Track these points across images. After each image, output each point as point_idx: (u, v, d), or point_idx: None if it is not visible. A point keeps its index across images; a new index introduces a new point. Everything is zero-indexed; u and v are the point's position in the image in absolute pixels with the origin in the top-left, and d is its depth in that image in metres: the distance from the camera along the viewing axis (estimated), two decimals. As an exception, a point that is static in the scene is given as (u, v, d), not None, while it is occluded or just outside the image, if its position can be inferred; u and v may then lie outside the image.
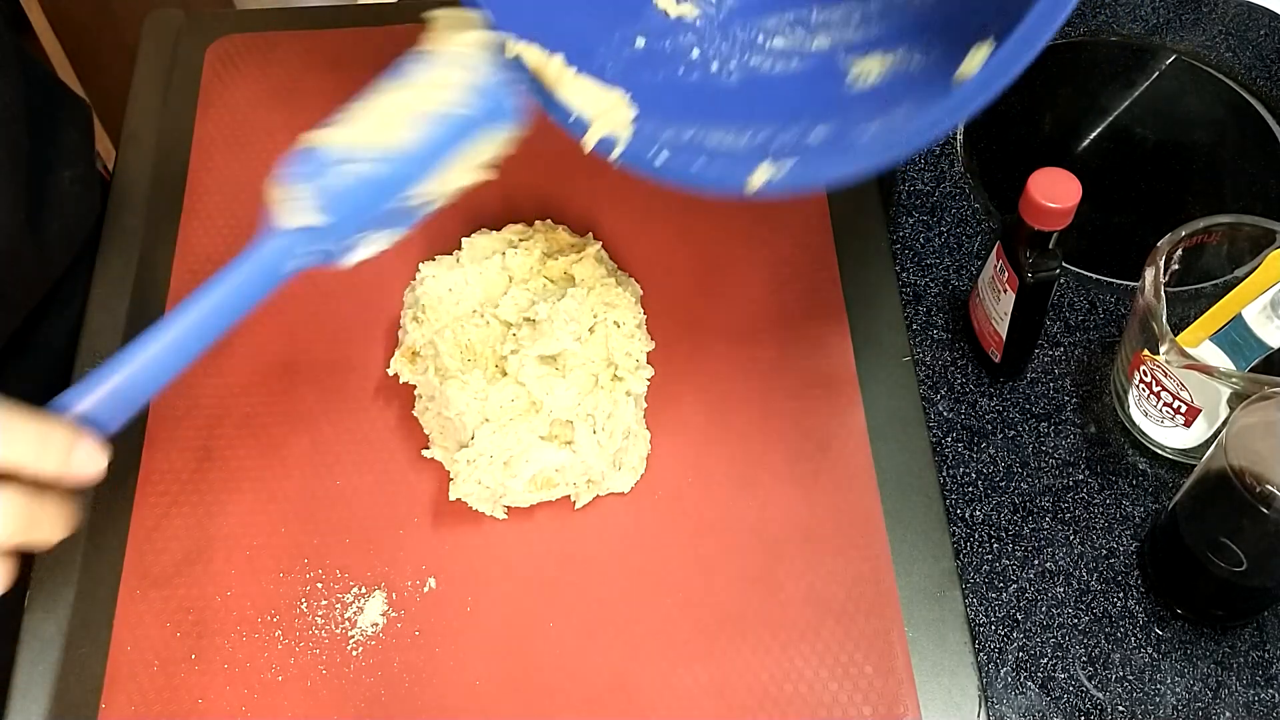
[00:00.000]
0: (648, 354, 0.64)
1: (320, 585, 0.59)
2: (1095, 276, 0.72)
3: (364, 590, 0.58)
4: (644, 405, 0.63)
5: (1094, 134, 0.80)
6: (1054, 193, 0.57)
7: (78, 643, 0.57)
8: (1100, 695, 0.58)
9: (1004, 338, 0.64)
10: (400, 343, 0.63)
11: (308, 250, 0.44)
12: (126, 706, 0.55)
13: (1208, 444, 0.59)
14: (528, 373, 0.59)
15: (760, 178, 0.50)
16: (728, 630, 0.57)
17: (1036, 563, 0.61)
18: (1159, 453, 0.64)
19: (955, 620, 0.58)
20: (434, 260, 0.65)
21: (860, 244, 0.69)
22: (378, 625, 0.58)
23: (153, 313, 0.67)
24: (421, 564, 0.59)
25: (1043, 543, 0.62)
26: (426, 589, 0.58)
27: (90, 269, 0.69)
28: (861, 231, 0.70)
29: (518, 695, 0.56)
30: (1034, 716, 0.57)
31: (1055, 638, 0.59)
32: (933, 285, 0.71)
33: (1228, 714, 0.57)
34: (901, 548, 0.59)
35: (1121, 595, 0.61)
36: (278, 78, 0.77)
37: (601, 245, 0.66)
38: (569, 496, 0.60)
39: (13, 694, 0.56)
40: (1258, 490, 0.51)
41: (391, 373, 0.63)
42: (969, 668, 0.57)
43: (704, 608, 0.58)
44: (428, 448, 0.61)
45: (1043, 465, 0.65)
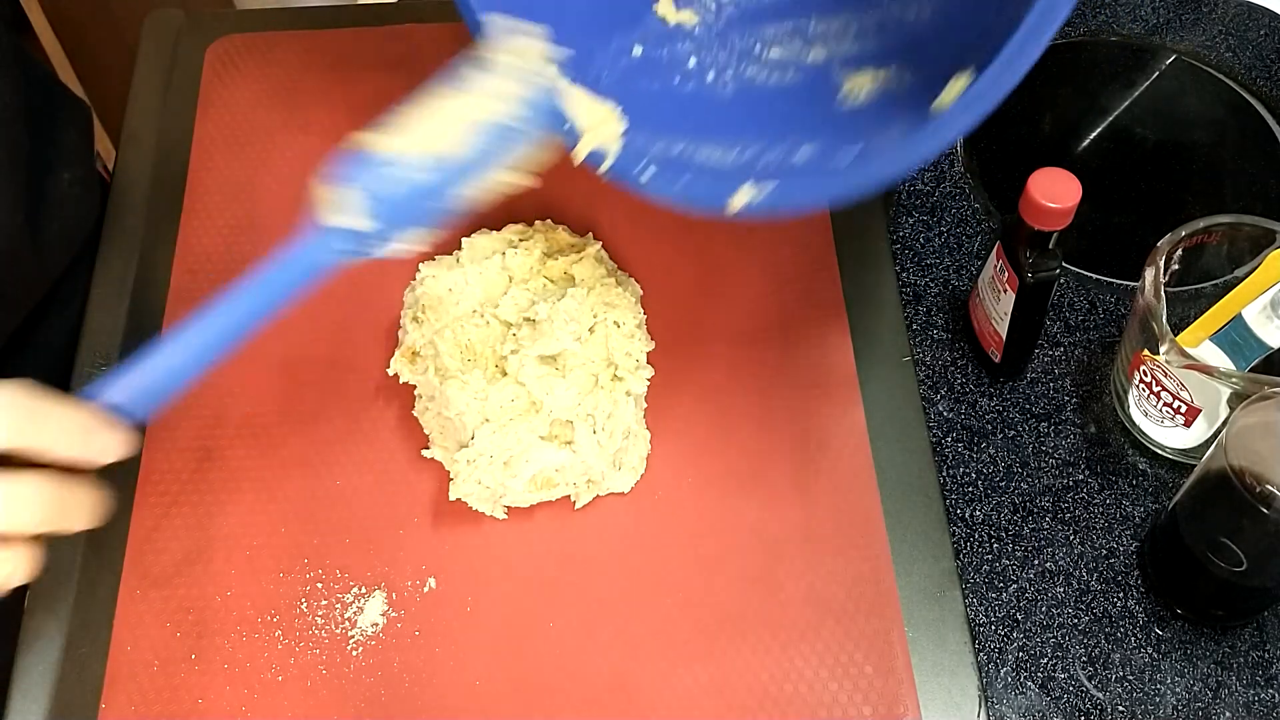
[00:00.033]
0: (648, 354, 0.64)
1: (320, 585, 0.59)
2: (1095, 276, 0.72)
3: (364, 590, 0.58)
4: (644, 405, 0.63)
5: (1094, 134, 0.80)
6: (1054, 193, 0.57)
7: (78, 643, 0.57)
8: (1100, 695, 0.58)
9: (1004, 338, 0.64)
10: (400, 343, 0.63)
11: (348, 247, 0.44)
12: (126, 706, 0.55)
13: (1208, 444, 0.59)
14: (528, 373, 0.59)
15: (741, 199, 0.50)
16: (728, 630, 0.57)
17: (1036, 563, 0.61)
18: (1159, 453, 0.64)
19: (955, 620, 0.58)
20: (434, 260, 0.65)
21: (860, 244, 0.69)
22: (378, 625, 0.58)
23: (153, 313, 0.67)
24: (421, 564, 0.59)
25: (1043, 543, 0.62)
26: (426, 589, 0.58)
27: (89, 270, 0.69)
28: (861, 231, 0.70)
29: (518, 695, 0.56)
30: (1034, 716, 0.57)
31: (1055, 638, 0.59)
32: (933, 285, 0.71)
33: (1228, 714, 0.57)
34: (901, 548, 0.59)
35: (1121, 595, 0.61)
36: (278, 78, 0.77)
37: (601, 245, 0.66)
38: (569, 496, 0.60)
39: (13, 694, 0.56)
40: (1258, 490, 0.52)
41: (391, 373, 0.63)
42: (969, 668, 0.57)
43: (704, 608, 0.58)
44: (428, 448, 0.61)
45: (1043, 465, 0.65)
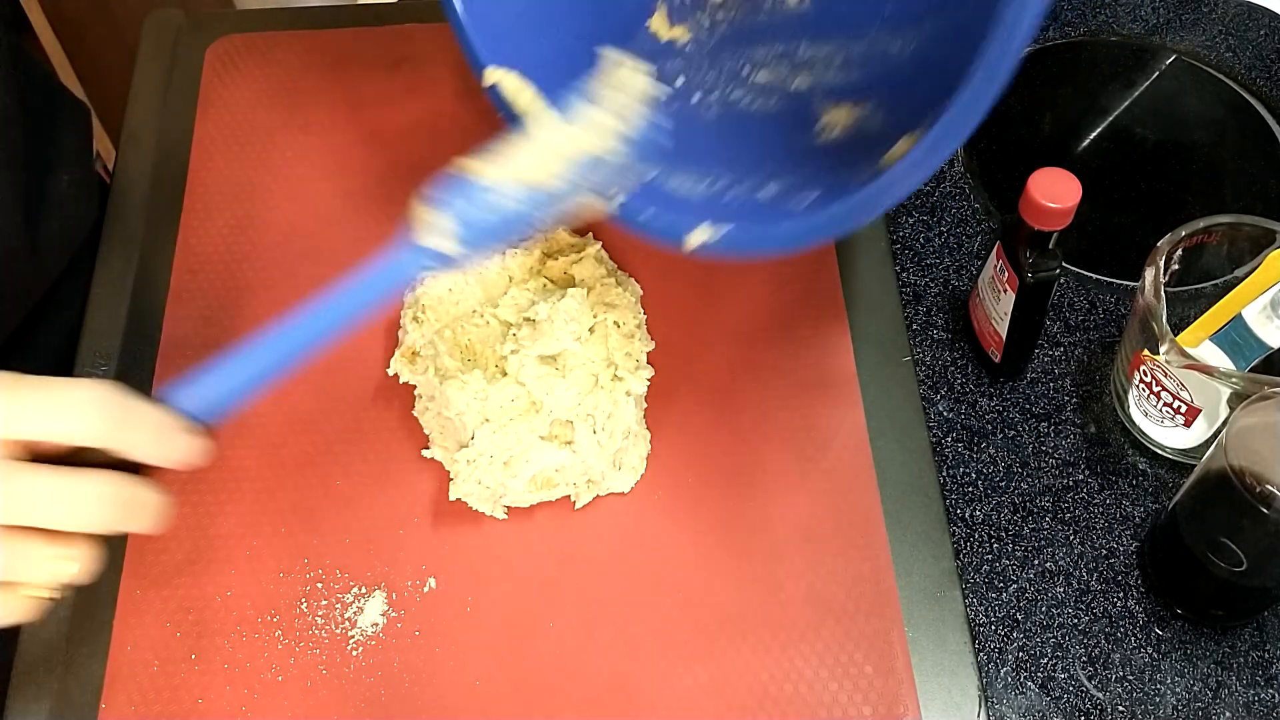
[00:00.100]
0: (648, 354, 0.64)
1: (320, 585, 0.59)
2: (1095, 276, 0.72)
3: (364, 590, 0.58)
4: (644, 405, 0.63)
5: (1094, 134, 0.80)
6: (1054, 193, 0.57)
7: (78, 643, 0.57)
8: (1100, 695, 0.58)
9: (1004, 338, 0.64)
10: (400, 343, 0.63)
11: (431, 265, 0.46)
12: (126, 706, 0.55)
13: (1208, 444, 0.59)
14: (528, 373, 0.59)
15: (698, 238, 0.51)
16: (728, 630, 0.57)
17: (1036, 563, 0.61)
18: (1159, 453, 0.64)
19: (955, 620, 0.58)
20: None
21: (860, 244, 0.69)
22: (378, 625, 0.58)
23: (153, 313, 0.67)
24: (421, 564, 0.59)
25: (1043, 543, 0.62)
26: (426, 589, 0.58)
27: (88, 271, 0.69)
28: (861, 231, 0.70)
29: (518, 695, 0.56)
30: (1034, 716, 0.57)
31: (1055, 638, 0.59)
32: (933, 285, 0.71)
33: (1228, 714, 0.57)
34: (901, 548, 0.59)
35: (1121, 595, 0.61)
36: (278, 78, 0.77)
37: (601, 245, 0.66)
38: (569, 496, 0.60)
39: (12, 694, 0.56)
40: (1258, 490, 0.51)
41: (391, 373, 0.63)
42: (969, 668, 0.57)
43: (704, 608, 0.58)
44: (428, 448, 0.61)
45: (1043, 465, 0.65)
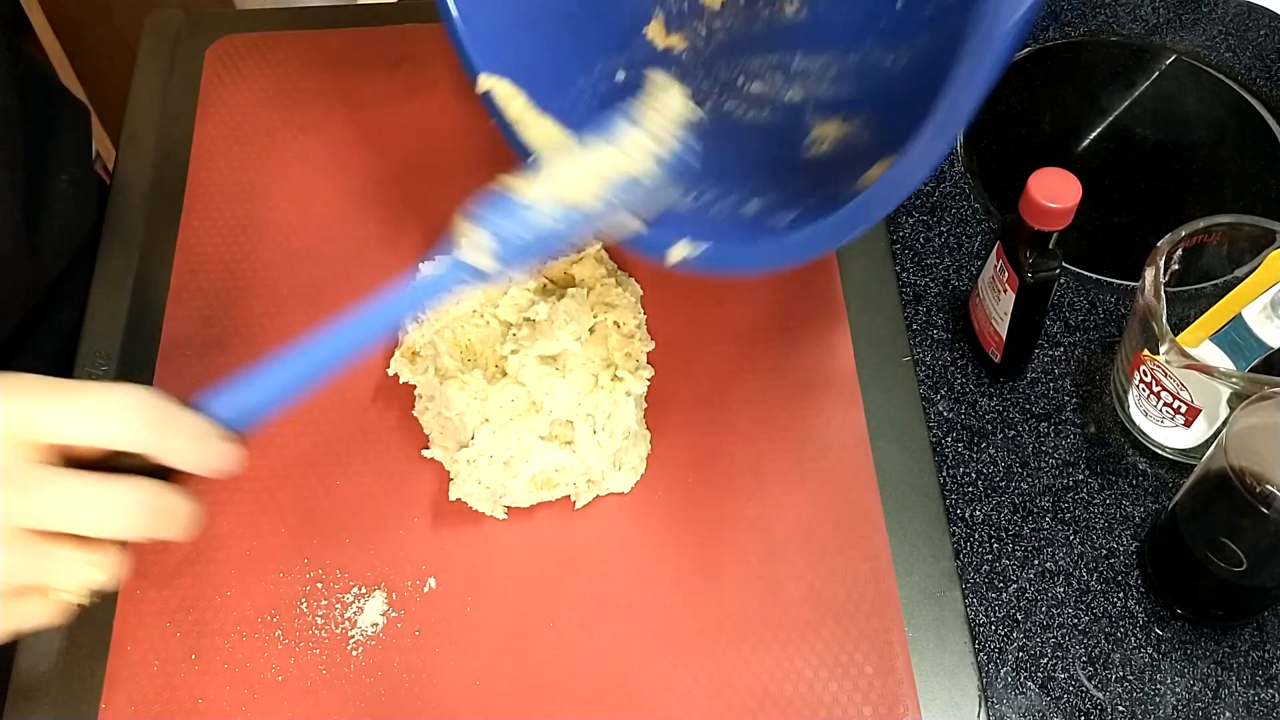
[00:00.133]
0: (648, 354, 0.64)
1: (320, 585, 0.59)
2: (1095, 276, 0.72)
3: (364, 590, 0.58)
4: (644, 405, 0.63)
5: (1094, 134, 0.80)
6: (1054, 193, 0.57)
7: (78, 643, 0.57)
8: (1100, 695, 0.58)
9: (1004, 338, 0.64)
10: (400, 343, 0.63)
11: (467, 280, 0.47)
12: (126, 706, 0.55)
13: (1208, 444, 0.59)
14: (528, 373, 0.59)
15: (679, 253, 0.51)
16: (728, 630, 0.57)
17: (1036, 563, 0.61)
18: (1159, 453, 0.64)
19: (955, 620, 0.58)
20: (434, 260, 0.65)
21: (860, 244, 0.69)
22: (378, 625, 0.58)
23: (153, 313, 0.67)
24: (421, 564, 0.59)
25: (1043, 543, 0.62)
26: (426, 589, 0.58)
27: (87, 272, 0.69)
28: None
29: (518, 695, 0.56)
30: (1034, 716, 0.57)
31: (1055, 638, 0.59)
32: (933, 285, 0.71)
33: (1228, 714, 0.57)
34: (901, 548, 0.59)
35: (1121, 595, 0.61)
36: (278, 78, 0.77)
37: (601, 245, 0.66)
38: (569, 496, 0.60)
39: (13, 694, 0.56)
40: (1258, 490, 0.51)
41: (391, 373, 0.63)
42: (969, 668, 0.57)
43: (704, 608, 0.58)
44: (428, 448, 0.61)
45: (1043, 465, 0.65)
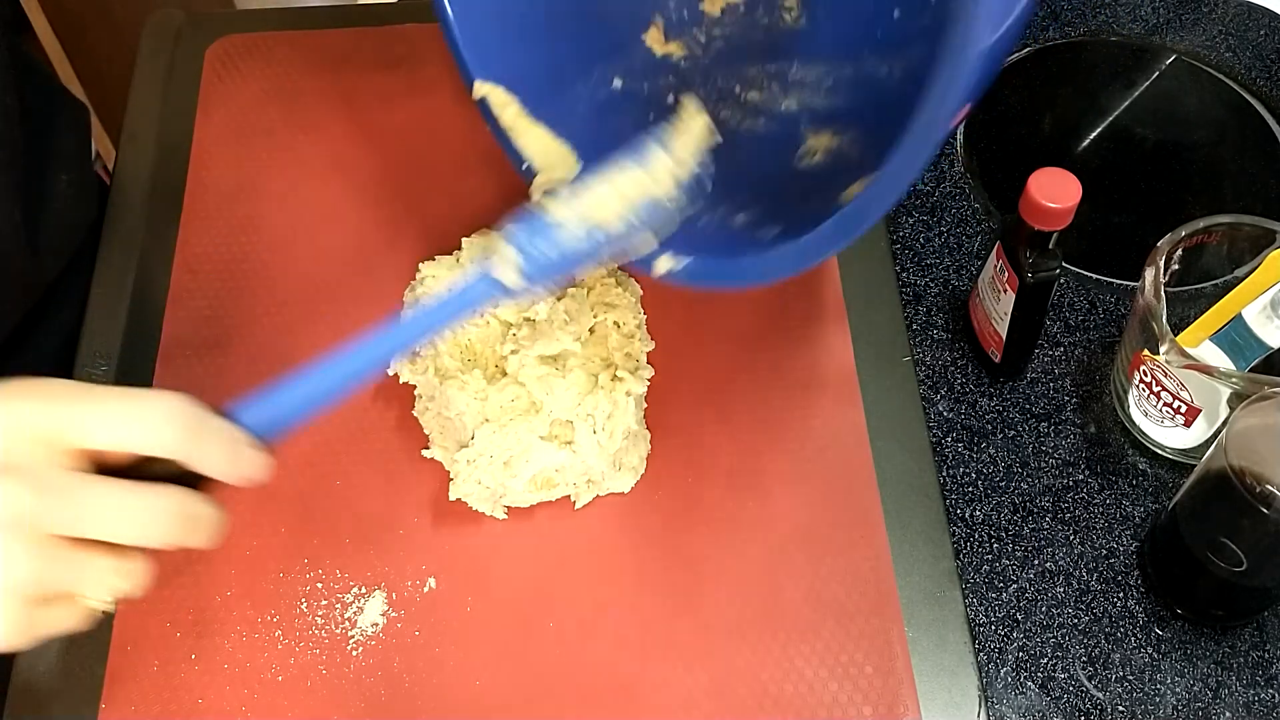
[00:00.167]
0: (648, 354, 0.64)
1: (320, 585, 0.59)
2: (1095, 276, 0.72)
3: (364, 590, 0.58)
4: (644, 405, 0.63)
5: (1094, 134, 0.80)
6: (1054, 193, 0.57)
7: (78, 643, 0.57)
8: (1100, 695, 0.58)
9: (1004, 338, 0.64)
10: (400, 343, 0.63)
11: (499, 295, 0.49)
12: (126, 706, 0.55)
13: (1208, 444, 0.59)
14: (528, 373, 0.59)
15: (663, 266, 0.52)
16: (728, 630, 0.57)
17: (1036, 563, 0.61)
18: (1159, 453, 0.64)
19: (955, 620, 0.58)
20: (434, 260, 0.65)
21: (860, 244, 0.69)
22: (378, 625, 0.58)
23: (153, 313, 0.67)
24: (421, 564, 0.59)
25: (1043, 543, 0.62)
26: (426, 589, 0.58)
27: (87, 271, 0.69)
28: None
29: (518, 695, 0.56)
30: (1034, 716, 0.57)
31: (1055, 638, 0.59)
32: (933, 285, 0.71)
33: (1228, 714, 0.57)
34: (901, 548, 0.59)
35: (1121, 595, 0.61)
36: (278, 78, 0.77)
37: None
38: (569, 496, 0.60)
39: (12, 694, 0.56)
40: (1258, 490, 0.51)
41: (391, 373, 0.63)
42: (969, 668, 0.57)
43: (704, 607, 0.58)
44: (428, 448, 0.61)
45: (1043, 465, 0.65)
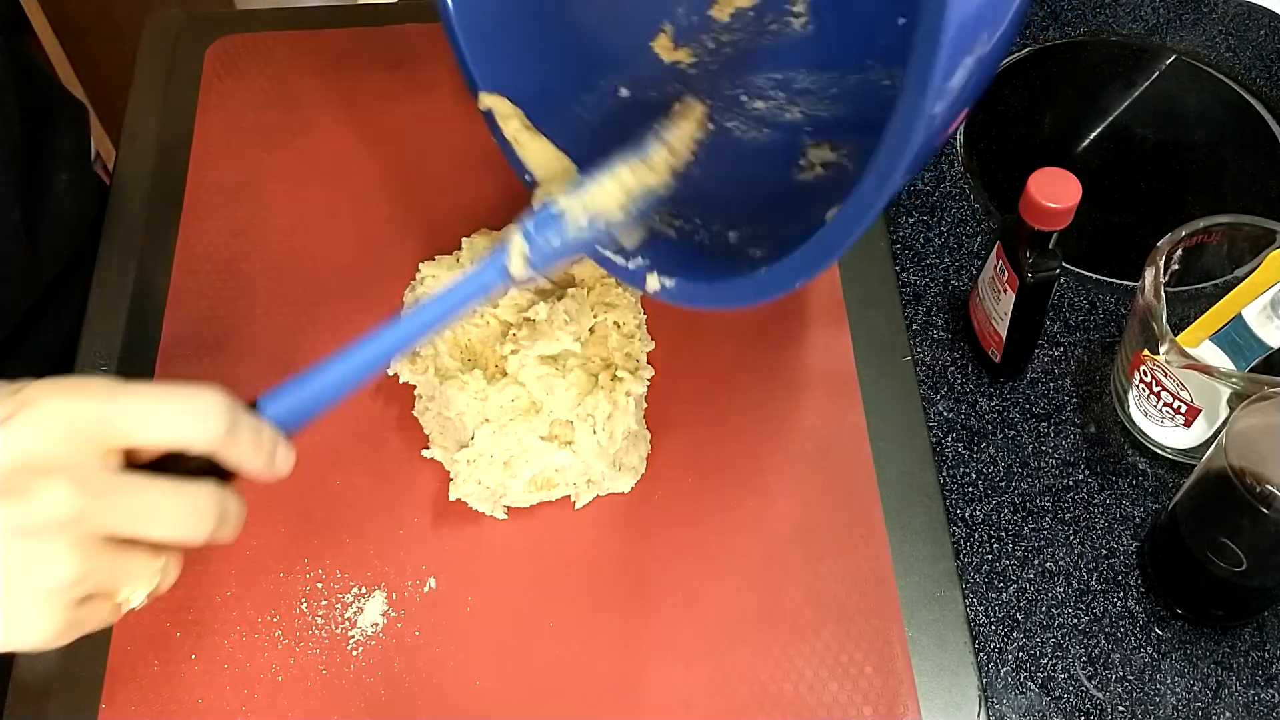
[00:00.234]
0: (648, 354, 0.64)
1: (320, 585, 0.59)
2: (1095, 276, 0.72)
3: (364, 590, 0.58)
4: (644, 405, 0.63)
5: (1094, 134, 0.80)
6: (1054, 193, 0.57)
7: (78, 643, 0.57)
8: (1100, 695, 0.58)
9: (1004, 338, 0.64)
10: (400, 343, 0.63)
11: (505, 282, 0.50)
12: (126, 706, 0.55)
13: (1208, 444, 0.59)
14: (528, 373, 0.59)
15: (654, 284, 0.52)
16: (728, 630, 0.57)
17: (1036, 563, 0.61)
18: (1159, 453, 0.64)
19: (955, 620, 0.58)
20: (434, 260, 0.65)
21: (860, 244, 0.69)
22: (378, 625, 0.58)
23: (153, 313, 0.67)
24: (421, 564, 0.59)
25: (1043, 543, 0.62)
26: (426, 589, 0.58)
27: (87, 272, 0.69)
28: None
29: (518, 695, 0.56)
30: (1034, 716, 0.57)
31: (1055, 638, 0.59)
32: (933, 285, 0.71)
33: (1228, 714, 0.57)
34: (901, 548, 0.59)
35: (1121, 595, 0.61)
36: (278, 78, 0.77)
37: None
38: (569, 496, 0.60)
39: (13, 694, 0.56)
40: (1258, 490, 0.51)
41: (391, 373, 0.63)
42: (969, 668, 0.57)
43: (704, 607, 0.58)
44: (428, 448, 0.61)
45: (1043, 465, 0.65)
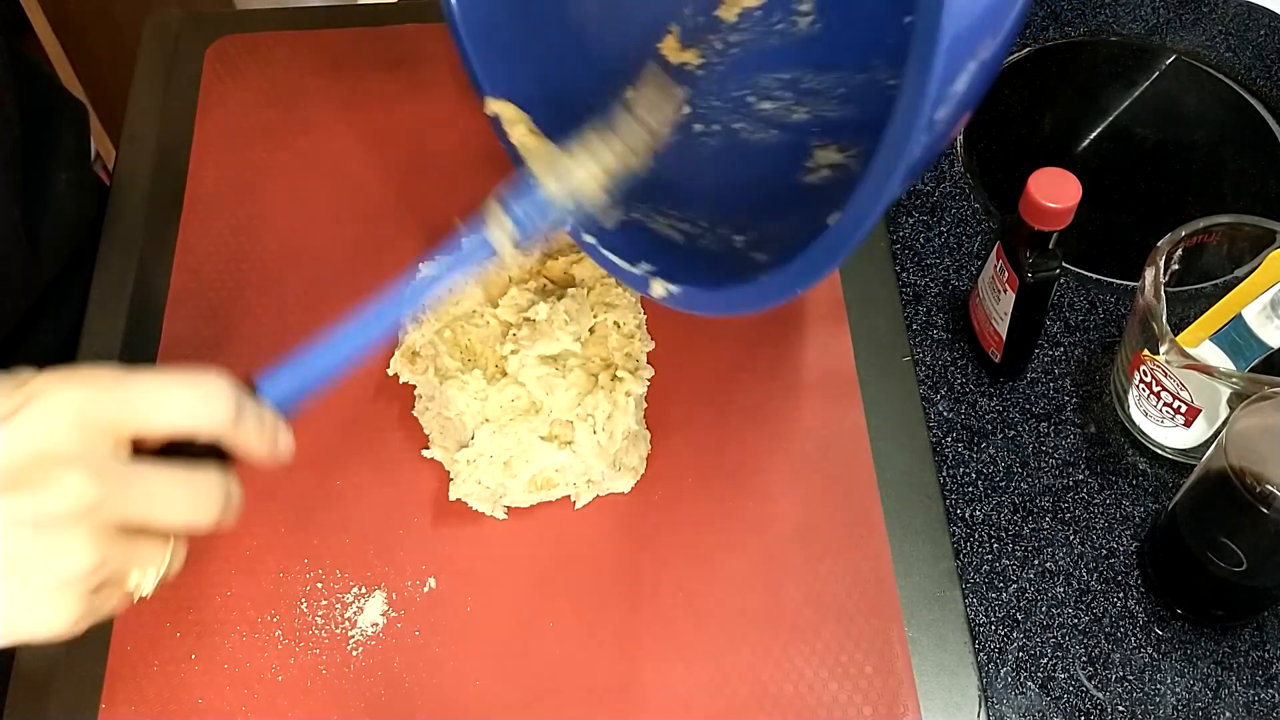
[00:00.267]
0: (648, 354, 0.64)
1: (320, 585, 0.59)
2: (1095, 276, 0.72)
3: (364, 590, 0.58)
4: (644, 405, 0.63)
5: (1094, 134, 0.80)
6: (1054, 193, 0.57)
7: (78, 643, 0.57)
8: (1100, 695, 0.58)
9: (1004, 338, 0.64)
10: (400, 343, 0.63)
11: (489, 257, 0.51)
12: (126, 706, 0.55)
13: (1208, 444, 0.59)
14: (528, 373, 0.59)
15: (658, 290, 0.52)
16: (728, 630, 0.57)
17: (1036, 563, 0.61)
18: (1159, 453, 0.64)
19: (955, 620, 0.58)
20: (434, 260, 0.65)
21: (860, 244, 0.69)
22: (378, 625, 0.58)
23: (153, 313, 0.67)
24: (421, 564, 0.59)
25: (1043, 543, 0.62)
26: (426, 589, 0.58)
27: (87, 272, 0.69)
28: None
29: (518, 695, 0.56)
30: (1034, 716, 0.57)
31: (1055, 638, 0.59)
32: (933, 285, 0.71)
33: (1228, 714, 0.57)
34: (901, 548, 0.59)
35: (1121, 595, 0.61)
36: (278, 78, 0.77)
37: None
38: (569, 496, 0.60)
39: (13, 694, 0.56)
40: (1258, 490, 0.51)
41: (391, 373, 0.63)
42: (969, 668, 0.57)
43: (704, 607, 0.58)
44: (428, 448, 0.61)
45: (1043, 465, 0.65)
